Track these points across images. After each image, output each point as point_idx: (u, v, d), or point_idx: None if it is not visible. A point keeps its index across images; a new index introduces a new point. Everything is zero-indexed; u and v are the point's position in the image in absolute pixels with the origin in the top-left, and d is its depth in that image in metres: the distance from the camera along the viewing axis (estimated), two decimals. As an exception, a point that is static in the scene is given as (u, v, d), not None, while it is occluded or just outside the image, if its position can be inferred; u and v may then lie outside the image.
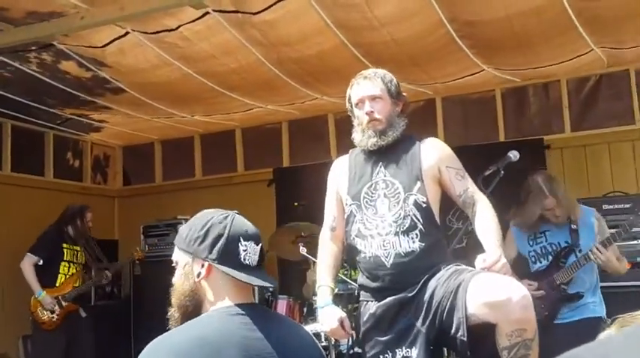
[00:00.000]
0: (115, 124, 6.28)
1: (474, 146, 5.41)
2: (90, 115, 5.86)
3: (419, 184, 2.44)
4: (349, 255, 2.67)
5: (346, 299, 3.83)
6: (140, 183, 7.29)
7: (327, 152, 6.26)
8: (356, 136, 2.60)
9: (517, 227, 3.53)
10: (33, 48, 4.21)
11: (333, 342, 3.70)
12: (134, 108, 5.55)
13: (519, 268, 3.36)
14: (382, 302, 2.42)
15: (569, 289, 3.30)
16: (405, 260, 2.38)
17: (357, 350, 3.77)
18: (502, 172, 3.11)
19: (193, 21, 3.85)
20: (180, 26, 3.91)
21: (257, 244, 1.59)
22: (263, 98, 5.47)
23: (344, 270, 3.99)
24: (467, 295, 2.16)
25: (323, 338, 3.70)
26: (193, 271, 1.54)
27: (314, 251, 4.31)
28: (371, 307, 2.46)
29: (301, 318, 4.20)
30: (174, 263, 1.59)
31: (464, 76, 5.13)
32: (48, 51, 4.27)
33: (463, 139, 5.61)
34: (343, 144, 6.11)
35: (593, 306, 3.30)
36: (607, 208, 4.16)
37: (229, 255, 1.53)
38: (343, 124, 6.15)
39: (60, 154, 6.55)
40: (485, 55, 4.65)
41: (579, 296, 3.29)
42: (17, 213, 5.72)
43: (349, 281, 3.85)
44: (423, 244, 2.38)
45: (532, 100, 5.67)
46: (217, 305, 1.54)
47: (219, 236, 1.54)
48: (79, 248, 5.07)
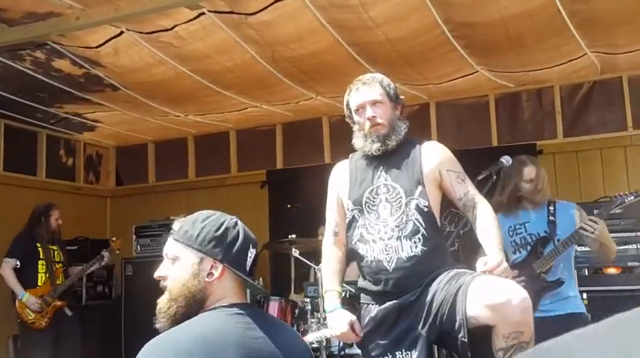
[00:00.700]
0: (109, 124, 6.27)
1: (468, 150, 5.42)
2: (84, 114, 5.84)
3: (420, 188, 2.44)
4: (350, 260, 2.66)
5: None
6: (133, 184, 7.28)
7: (321, 155, 6.28)
8: (357, 142, 2.56)
9: (499, 214, 3.54)
10: (29, 48, 4.20)
11: (325, 344, 3.69)
12: (128, 107, 5.54)
13: None
14: (383, 305, 2.42)
15: (548, 277, 3.31)
16: (408, 264, 2.37)
17: (349, 351, 3.78)
18: (495, 177, 3.13)
19: (189, 21, 3.86)
20: (175, 26, 3.92)
21: (255, 252, 1.66)
22: (257, 97, 5.47)
23: None
24: (467, 297, 2.16)
25: (314, 340, 3.70)
26: (203, 270, 1.55)
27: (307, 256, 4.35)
28: (372, 310, 2.46)
29: (292, 320, 4.20)
30: (170, 257, 1.58)
31: (457, 77, 5.15)
32: (42, 49, 4.26)
33: (456, 144, 5.60)
34: (337, 147, 6.16)
35: (574, 301, 3.31)
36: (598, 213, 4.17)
37: (239, 260, 1.58)
38: (337, 127, 6.18)
39: (53, 154, 6.52)
40: (478, 56, 4.68)
41: (560, 282, 3.28)
42: (9, 213, 5.68)
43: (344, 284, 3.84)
44: (426, 248, 2.38)
45: (525, 106, 5.71)
46: (216, 304, 1.55)
47: (234, 240, 1.58)
48: (54, 247, 5.03)
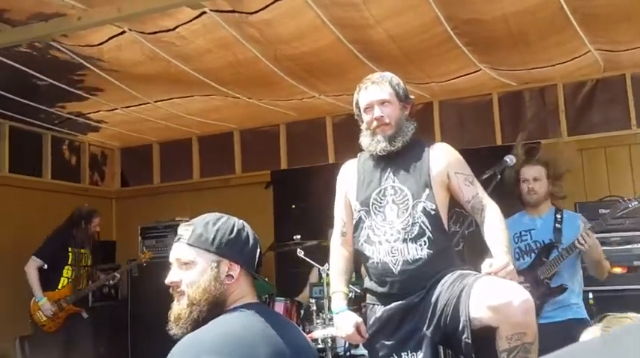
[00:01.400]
0: (113, 125, 6.27)
1: (471, 150, 5.41)
2: (87, 114, 5.82)
3: (427, 191, 2.44)
4: (356, 261, 2.67)
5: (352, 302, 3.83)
6: (138, 185, 7.30)
7: (325, 155, 6.29)
8: (364, 141, 2.57)
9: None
10: (29, 48, 4.21)
11: (330, 344, 3.70)
12: (127, 97, 5.31)
13: None
14: (388, 306, 2.42)
15: (552, 283, 3.32)
16: (413, 267, 2.37)
17: (354, 352, 3.79)
18: (499, 176, 3.13)
19: (190, 21, 3.86)
20: (177, 26, 3.92)
21: (260, 251, 1.69)
22: (259, 94, 5.43)
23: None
24: (470, 298, 2.17)
25: (320, 340, 3.71)
26: (222, 273, 1.56)
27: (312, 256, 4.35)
28: (377, 311, 2.47)
29: (298, 320, 4.22)
30: (184, 261, 1.57)
31: (460, 76, 5.14)
32: (43, 48, 4.23)
33: (460, 143, 5.59)
34: (341, 146, 6.16)
35: (576, 308, 3.32)
36: (603, 213, 4.17)
37: (252, 260, 1.63)
38: (341, 127, 6.19)
39: (58, 155, 6.55)
40: (481, 53, 4.66)
41: (563, 288, 3.30)
42: (15, 214, 5.72)
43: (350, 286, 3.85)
44: (431, 251, 2.38)
45: (528, 104, 5.70)
46: (235, 304, 1.58)
47: (247, 241, 1.61)
48: (85, 251, 5.04)
